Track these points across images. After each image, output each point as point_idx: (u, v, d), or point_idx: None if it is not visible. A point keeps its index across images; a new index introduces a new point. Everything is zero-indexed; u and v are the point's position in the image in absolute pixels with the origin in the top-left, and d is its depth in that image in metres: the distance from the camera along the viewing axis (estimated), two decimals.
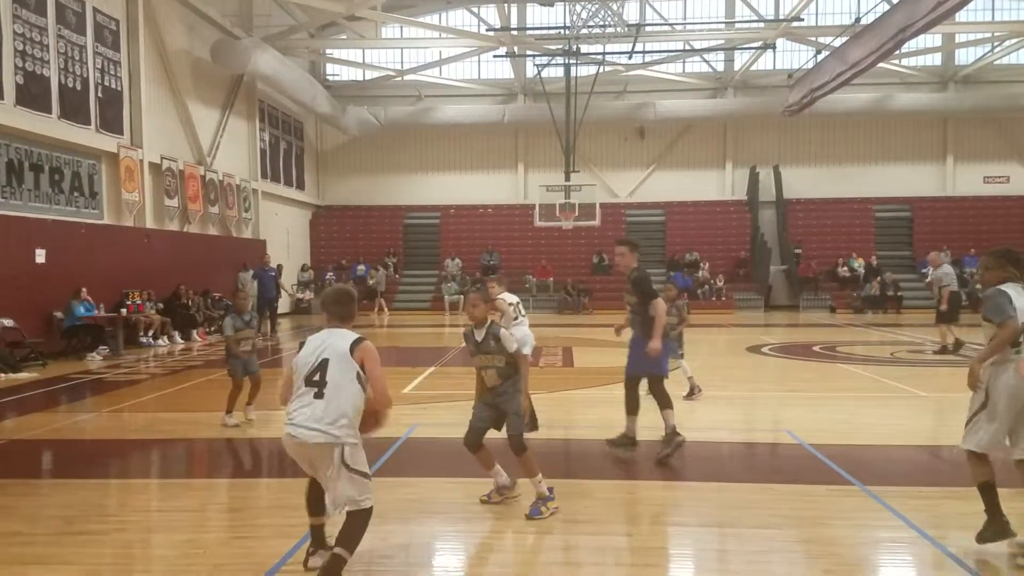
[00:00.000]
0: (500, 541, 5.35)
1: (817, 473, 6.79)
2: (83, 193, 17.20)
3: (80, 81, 17.00)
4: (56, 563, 4.83)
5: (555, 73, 28.56)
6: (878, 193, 31.75)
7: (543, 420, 9.24)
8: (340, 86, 32.26)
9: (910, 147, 31.95)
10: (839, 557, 4.86)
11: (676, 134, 32.55)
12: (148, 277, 18.21)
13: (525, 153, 33.02)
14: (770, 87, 30.86)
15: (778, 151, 32.19)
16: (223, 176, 23.39)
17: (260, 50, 22.73)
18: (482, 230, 32.30)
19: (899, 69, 30.35)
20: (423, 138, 32.69)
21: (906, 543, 5.11)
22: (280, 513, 5.77)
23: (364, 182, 33.32)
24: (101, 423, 9.36)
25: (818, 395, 11.02)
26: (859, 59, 20.37)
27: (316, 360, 4.42)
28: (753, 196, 32.01)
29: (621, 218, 32.06)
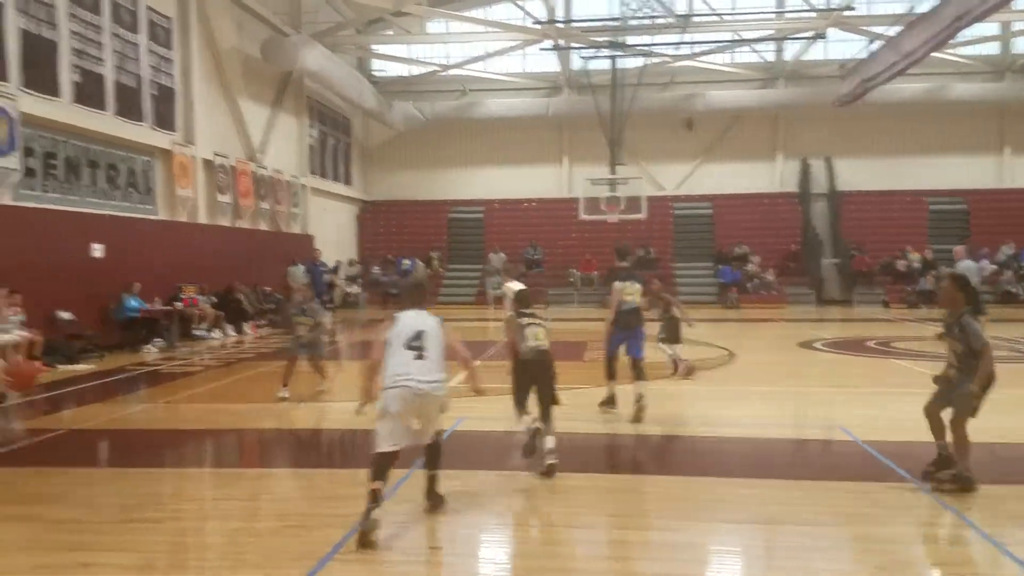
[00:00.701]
0: (546, 534, 5.34)
1: (872, 470, 6.65)
2: (138, 189, 17.58)
3: (134, 79, 17.36)
4: (114, 550, 4.95)
5: (601, 65, 28.35)
6: (932, 185, 30.94)
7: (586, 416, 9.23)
8: (386, 82, 32.49)
9: (966, 138, 31.07)
10: (893, 555, 4.76)
11: (725, 126, 32.11)
12: (201, 271, 18.56)
13: (569, 146, 32.89)
14: (821, 77, 30.28)
15: (830, 142, 31.56)
16: (273, 172, 23.73)
17: (308, 47, 22.98)
18: (526, 224, 32.27)
19: (954, 58, 29.51)
20: (468, 132, 32.76)
21: (964, 542, 4.99)
22: (330, 503, 5.84)
23: (409, 177, 33.53)
24: (156, 414, 9.57)
25: (873, 391, 10.80)
26: (913, 48, 19.92)
27: (413, 332, 5.56)
28: (804, 188, 31.47)
29: (668, 211, 31.77)
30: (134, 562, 4.74)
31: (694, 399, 10.19)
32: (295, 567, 4.57)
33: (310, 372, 10.58)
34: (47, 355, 13.04)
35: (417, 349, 5.48)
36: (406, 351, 5.47)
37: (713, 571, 4.75)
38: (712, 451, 7.65)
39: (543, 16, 27.13)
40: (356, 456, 7.98)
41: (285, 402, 9.81)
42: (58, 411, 9.98)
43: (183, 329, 17.09)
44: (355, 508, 5.56)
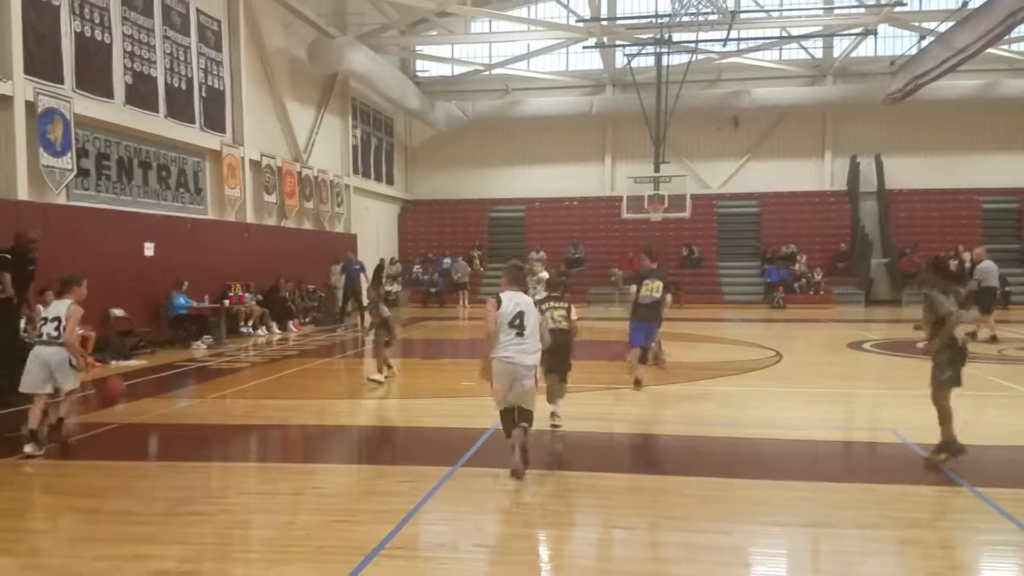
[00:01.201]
0: (587, 535, 5.34)
1: (923, 473, 6.52)
2: (188, 189, 17.91)
3: (185, 81, 17.69)
4: (166, 542, 5.06)
5: (645, 63, 28.18)
6: (985, 184, 30.18)
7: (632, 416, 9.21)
8: (429, 82, 32.66)
9: (1019, 135, 30.21)
10: (944, 560, 4.68)
11: (772, 123, 31.68)
12: (248, 270, 18.86)
13: (613, 144, 32.73)
14: (871, 74, 29.70)
15: (880, 140, 30.96)
16: (318, 172, 24.02)
17: (354, 48, 23.21)
18: (568, 223, 32.19)
19: (1008, 55, 28.74)
20: (509, 131, 32.79)
21: (1016, 546, 4.88)
22: (376, 499, 5.91)
23: (451, 176, 33.67)
24: (206, 409, 9.75)
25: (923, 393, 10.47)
26: (966, 44, 19.48)
27: (515, 311, 6.49)
28: (853, 187, 30.91)
29: (713, 209, 31.46)
30: (186, 554, 4.85)
31: (741, 400, 10.08)
32: (343, 561, 4.63)
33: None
34: (100, 351, 13.38)
35: (517, 328, 6.45)
36: (509, 328, 6.45)
37: (760, 575, 4.70)
38: (758, 453, 7.57)
39: (587, 14, 27.03)
40: (401, 452, 8.08)
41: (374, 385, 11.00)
42: (112, 406, 10.22)
43: (230, 326, 17.38)
44: (400, 504, 5.64)
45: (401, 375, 12.14)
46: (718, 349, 15.77)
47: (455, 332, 20.87)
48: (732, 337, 17.72)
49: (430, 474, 6.42)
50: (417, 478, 6.35)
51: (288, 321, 19.48)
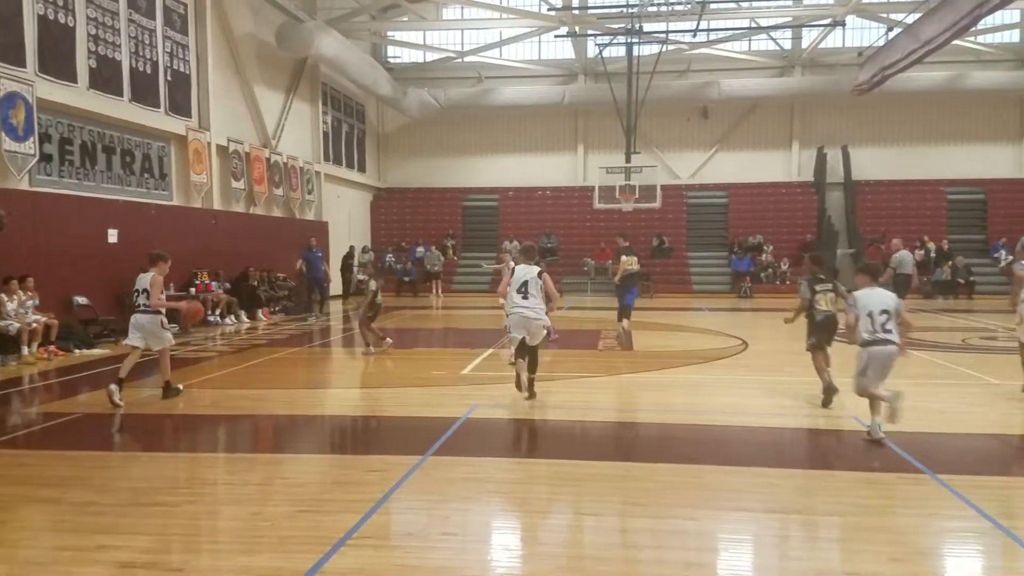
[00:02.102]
0: (559, 521, 5.35)
1: (885, 460, 6.62)
2: (153, 175, 17.66)
3: (150, 65, 17.41)
4: (128, 532, 4.99)
5: (616, 52, 28.19)
6: (950, 175, 30.68)
7: (601, 404, 9.26)
8: (401, 68, 32.44)
9: (985, 127, 30.77)
10: (907, 546, 4.74)
11: (740, 114, 31.92)
12: (215, 257, 18.65)
13: (585, 134, 32.79)
14: (839, 65, 30.02)
15: (847, 131, 31.33)
16: (287, 158, 23.78)
17: (323, 33, 22.98)
18: (540, 212, 32.24)
19: (974, 46, 29.19)
20: (482, 120, 32.71)
21: (977, 533, 4.97)
22: (344, 489, 5.88)
23: (424, 164, 33.53)
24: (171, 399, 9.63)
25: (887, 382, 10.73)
26: (933, 36, 19.70)
27: (522, 279, 8.82)
28: (820, 177, 31.24)
29: (683, 200, 31.66)
30: (150, 545, 4.79)
31: (708, 388, 10.18)
32: (309, 552, 4.60)
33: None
34: (63, 340, 13.17)
35: (523, 293, 8.79)
36: (516, 293, 8.83)
37: (725, 560, 4.74)
38: (724, 440, 7.64)
39: (558, 2, 27.01)
40: (370, 442, 8.05)
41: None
42: (74, 395, 10.08)
43: None
44: (369, 494, 5.62)
45: (373, 364, 12.10)
46: (686, 338, 15.89)
47: (428, 321, 20.81)
48: (700, 326, 17.86)
49: (399, 463, 6.40)
50: (386, 467, 6.33)
51: (257, 310, 19.30)
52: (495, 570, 4.56)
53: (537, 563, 4.60)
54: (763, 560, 4.73)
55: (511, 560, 4.75)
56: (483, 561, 4.67)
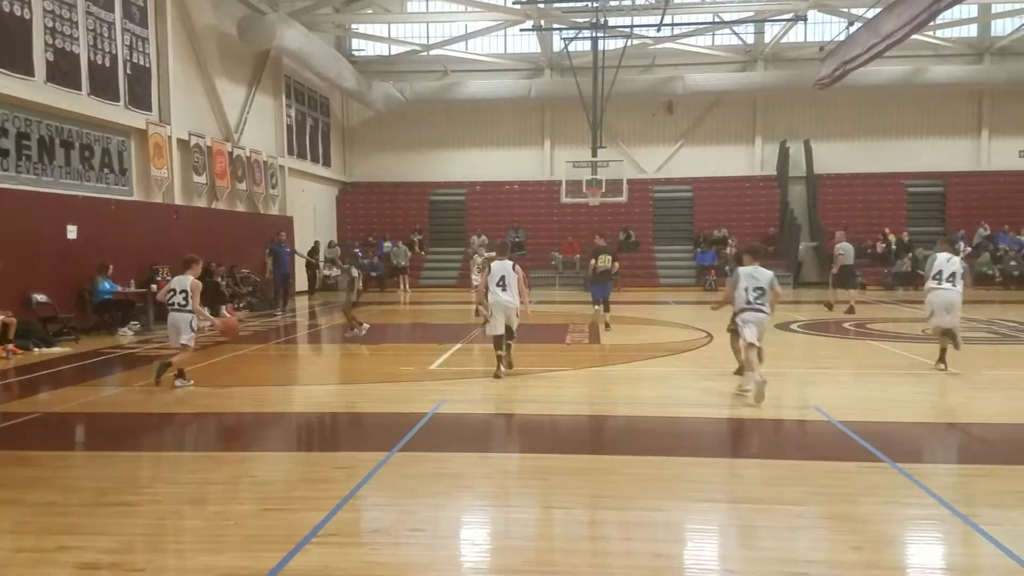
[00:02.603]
0: (527, 515, 5.37)
1: (846, 450, 6.73)
2: (113, 169, 17.36)
3: (109, 58, 17.10)
4: (90, 533, 4.92)
5: (582, 47, 28.27)
6: (910, 168, 31.19)
7: (570, 398, 9.30)
8: (366, 61, 32.18)
9: (944, 121, 31.32)
10: (868, 534, 4.83)
11: (704, 109, 32.15)
12: (177, 253, 18.25)
13: (552, 129, 32.81)
14: (801, 60, 30.33)
15: (808, 125, 31.70)
16: (250, 152, 23.51)
17: (286, 25, 22.72)
18: (508, 207, 32.21)
19: (933, 41, 29.68)
20: (449, 114, 32.59)
21: (937, 520, 5.07)
22: (310, 486, 5.84)
23: (390, 158, 33.32)
24: (133, 397, 9.50)
25: (847, 372, 10.93)
26: (892, 31, 19.98)
27: (499, 275, 10.19)
28: (783, 171, 31.58)
29: (648, 194, 31.83)
30: (112, 545, 4.72)
31: (674, 380, 10.26)
32: (274, 550, 4.56)
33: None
34: (22, 338, 12.91)
35: (502, 284, 10.18)
36: (496, 286, 10.19)
37: (692, 550, 4.79)
38: (690, 431, 7.72)
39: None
40: (337, 438, 8.01)
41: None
42: (34, 394, 9.90)
43: (158, 312, 16.93)
44: (335, 491, 5.59)
45: (340, 360, 12.04)
46: (653, 331, 15.99)
47: (396, 316, 20.72)
48: (666, 319, 17.99)
49: (367, 460, 6.37)
50: (353, 464, 6.30)
51: (220, 306, 19.05)
52: (463, 565, 4.56)
53: (506, 557, 4.62)
54: (728, 550, 4.78)
55: (479, 555, 4.76)
56: (451, 556, 4.67)
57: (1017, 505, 5.30)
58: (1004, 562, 4.38)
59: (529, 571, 4.34)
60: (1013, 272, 27.38)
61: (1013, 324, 16.33)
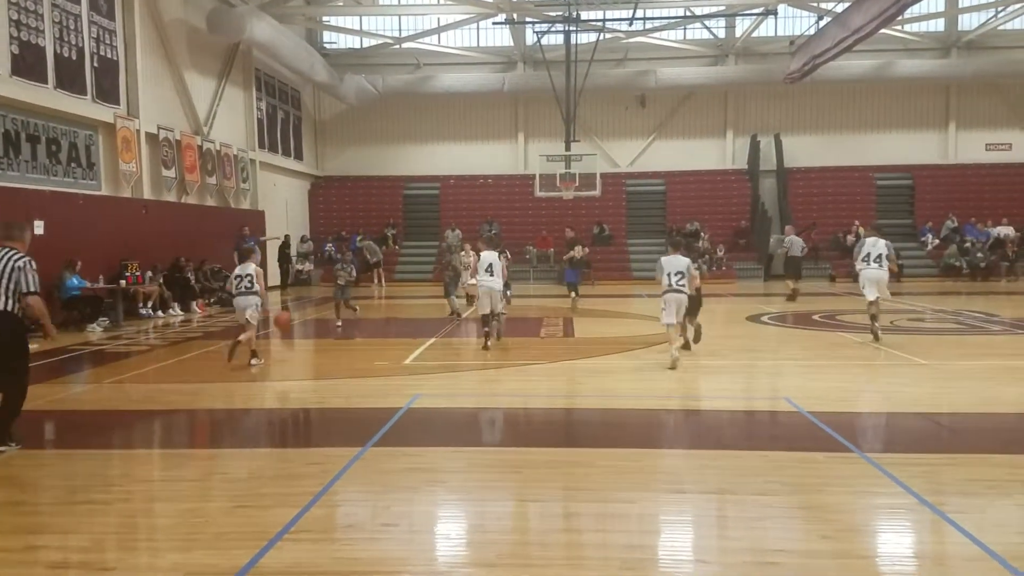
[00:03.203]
0: (502, 509, 5.37)
1: (816, 440, 6.81)
2: (80, 164, 17.11)
3: (75, 51, 16.83)
4: (60, 532, 4.86)
5: (555, 40, 28.27)
6: (879, 161, 31.59)
7: (544, 391, 9.32)
8: (337, 54, 31.97)
9: (912, 115, 31.74)
10: (837, 523, 4.89)
11: (677, 103, 32.31)
12: (147, 248, 18.16)
13: (525, 122, 32.80)
14: (771, 54, 30.59)
15: (779, 119, 31.98)
16: (220, 146, 23.27)
17: (256, 18, 22.50)
18: (482, 200, 32.15)
19: (901, 35, 30.05)
20: (422, 107, 32.46)
21: (905, 509, 5.14)
22: (282, 482, 5.80)
23: (363, 152, 33.15)
24: (103, 394, 9.39)
25: (817, 363, 11.05)
26: (861, 25, 20.18)
27: (488, 262, 12.09)
28: (754, 165, 31.84)
29: (622, 188, 31.94)
30: (82, 544, 4.67)
31: (647, 373, 10.31)
32: (245, 547, 4.53)
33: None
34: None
35: (489, 271, 12.08)
36: (484, 272, 12.11)
37: (667, 541, 4.82)
38: (662, 423, 7.78)
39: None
40: (310, 434, 7.96)
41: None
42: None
43: (128, 308, 16.75)
44: (307, 487, 5.56)
45: (313, 355, 11.98)
46: (626, 324, 16.07)
47: (370, 311, 20.58)
48: (639, 312, 18.08)
49: (340, 455, 6.34)
50: (326, 460, 6.27)
51: (191, 302, 18.89)
52: (437, 560, 4.56)
53: (480, 551, 4.62)
54: (700, 540, 4.82)
55: (453, 549, 4.75)
56: (425, 551, 4.66)
57: (983, 493, 5.39)
58: (971, 550, 4.46)
59: (504, 564, 4.35)
60: (980, 264, 27.81)
61: (980, 315, 16.59)
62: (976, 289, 24.25)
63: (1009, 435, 7.20)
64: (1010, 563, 4.23)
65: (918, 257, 29.20)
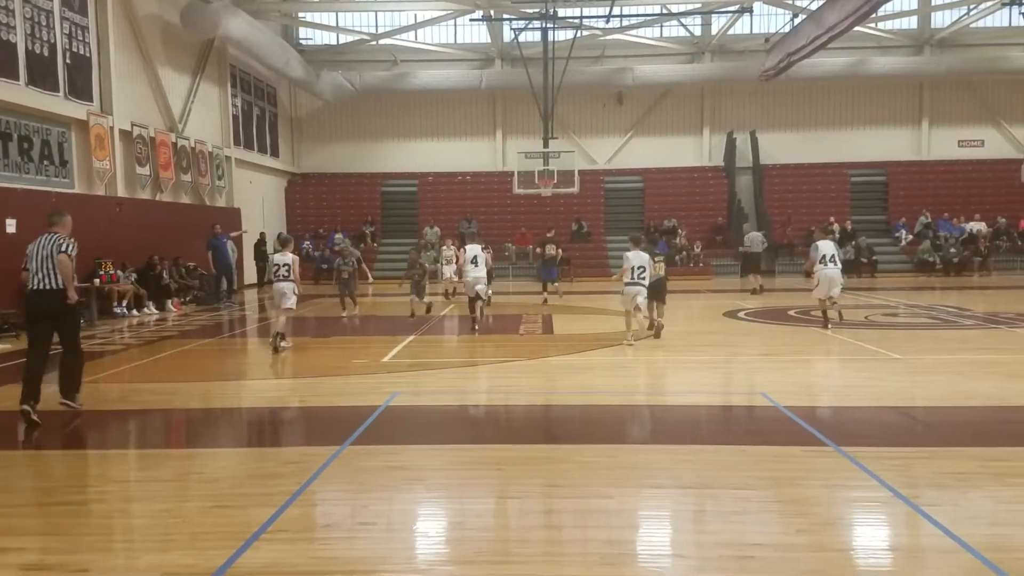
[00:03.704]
0: (481, 506, 5.37)
1: (791, 435, 6.87)
2: (53, 162, 16.89)
3: (47, 47, 16.60)
4: (34, 534, 4.81)
5: (532, 37, 28.27)
6: (854, 158, 31.89)
7: (523, 388, 9.33)
8: (313, 50, 31.77)
9: (886, 111, 32.07)
10: (813, 516, 4.93)
11: (654, 100, 32.42)
12: (121, 247, 17.96)
13: (503, 119, 32.78)
14: (747, 52, 30.78)
15: (755, 116, 32.18)
16: (195, 143, 23.05)
17: (230, 13, 22.30)
18: (461, 198, 32.10)
19: (875, 33, 30.35)
20: (400, 104, 32.34)
21: (879, 502, 5.19)
22: (259, 482, 5.77)
23: (340, 149, 32.98)
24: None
25: (793, 359, 11.14)
26: (835, 22, 20.34)
27: (473, 255, 14.37)
28: (730, 162, 32.03)
29: (600, 185, 32.01)
30: (56, 546, 4.62)
31: (625, 369, 10.35)
32: (221, 547, 4.50)
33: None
34: None
35: (475, 263, 14.08)
36: (470, 264, 14.05)
37: (645, 536, 4.85)
38: (639, 419, 7.82)
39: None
40: (287, 433, 7.91)
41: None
42: None
43: (102, 307, 16.57)
44: (285, 486, 5.53)
45: (291, 354, 11.91)
46: (604, 320, 16.10)
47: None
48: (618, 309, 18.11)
49: (317, 454, 6.32)
50: (303, 459, 6.25)
51: (166, 301, 18.71)
52: (417, 557, 4.55)
53: (459, 548, 4.62)
54: (677, 535, 4.85)
55: (432, 547, 4.75)
56: (403, 549, 4.65)
57: (956, 486, 5.47)
58: (944, 542, 4.52)
59: (483, 561, 4.35)
60: (953, 259, 28.17)
61: (953, 309, 16.80)
62: (949, 284, 24.56)
63: (981, 428, 7.30)
64: (983, 554, 4.29)
65: (892, 253, 29.54)
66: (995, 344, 12.24)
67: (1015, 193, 29.73)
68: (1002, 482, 5.55)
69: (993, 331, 13.60)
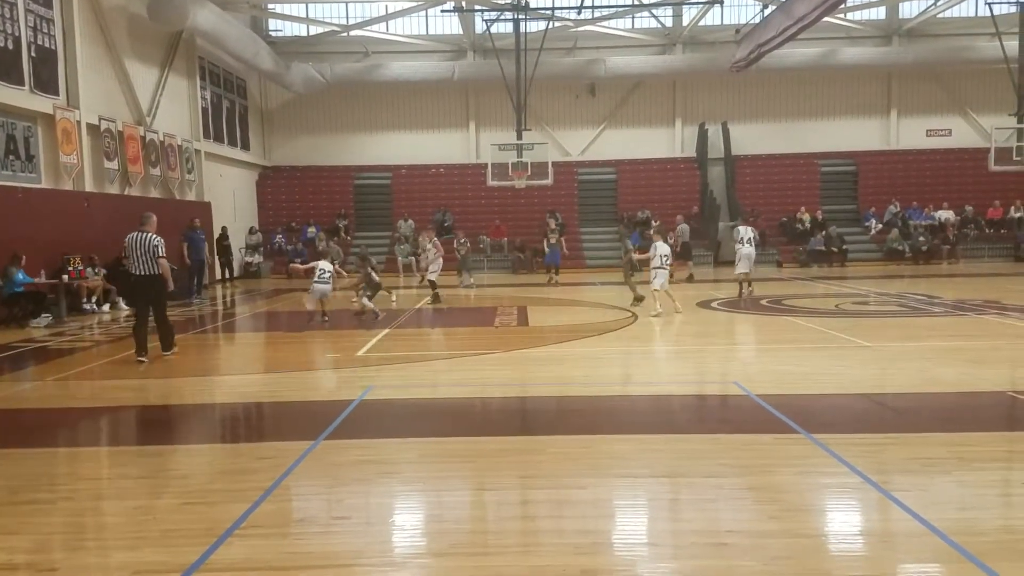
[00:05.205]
0: (456, 498, 5.37)
1: (763, 423, 6.94)
2: (19, 156, 16.61)
3: (12, 40, 16.31)
4: (3, 533, 4.73)
5: (505, 29, 28.20)
6: (824, 148, 32.19)
7: (499, 380, 9.34)
8: (284, 42, 31.46)
9: (855, 102, 32.38)
10: (785, 503, 4.98)
11: (626, 91, 32.49)
12: (89, 242, 17.71)
13: (476, 111, 32.70)
14: (718, 43, 30.92)
15: (726, 107, 32.37)
16: (164, 136, 22.76)
17: (198, 5, 22.02)
18: (435, 190, 32.00)
19: (844, 23, 30.62)
20: (372, 96, 32.15)
21: (851, 488, 5.26)
22: (232, 478, 5.72)
23: (312, 141, 32.72)
24: (46, 391, 9.16)
25: (765, 347, 11.25)
26: (805, 13, 20.50)
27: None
28: (702, 153, 32.20)
29: (573, 177, 32.03)
30: (25, 544, 4.55)
31: (600, 360, 10.39)
32: (193, 544, 4.46)
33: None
34: None
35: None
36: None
37: (620, 525, 4.87)
38: (615, 409, 7.84)
39: None
40: (260, 428, 7.86)
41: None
42: None
43: (71, 303, 16.34)
44: (258, 482, 5.50)
45: (264, 348, 11.83)
46: (579, 312, 16.16)
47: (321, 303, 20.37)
48: (592, 300, 18.20)
49: (291, 449, 6.28)
50: (277, 454, 6.20)
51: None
52: (391, 551, 4.54)
53: (435, 541, 4.62)
54: (652, 523, 4.88)
55: (407, 540, 4.74)
56: (379, 543, 4.63)
57: (924, 471, 5.55)
58: (913, 526, 4.59)
59: (459, 553, 4.35)
60: (921, 247, 28.54)
61: (922, 297, 17.03)
62: (919, 272, 24.90)
63: (948, 414, 7.41)
64: (951, 538, 4.36)
65: (862, 242, 29.88)
66: (963, 331, 12.42)
67: (982, 182, 30.16)
68: (969, 467, 5.64)
69: (961, 318, 13.80)
